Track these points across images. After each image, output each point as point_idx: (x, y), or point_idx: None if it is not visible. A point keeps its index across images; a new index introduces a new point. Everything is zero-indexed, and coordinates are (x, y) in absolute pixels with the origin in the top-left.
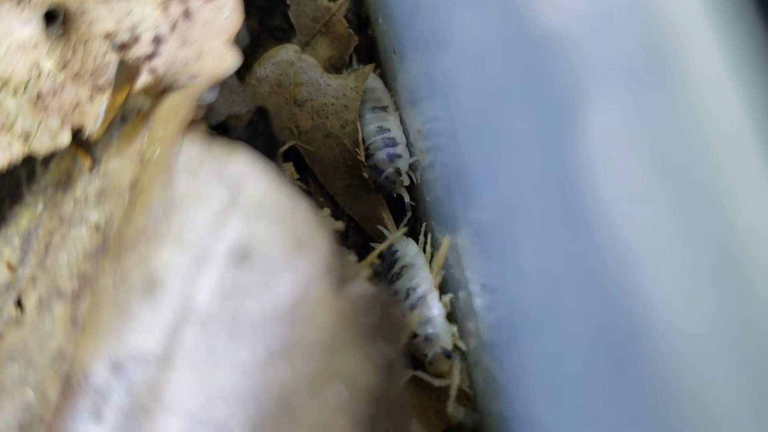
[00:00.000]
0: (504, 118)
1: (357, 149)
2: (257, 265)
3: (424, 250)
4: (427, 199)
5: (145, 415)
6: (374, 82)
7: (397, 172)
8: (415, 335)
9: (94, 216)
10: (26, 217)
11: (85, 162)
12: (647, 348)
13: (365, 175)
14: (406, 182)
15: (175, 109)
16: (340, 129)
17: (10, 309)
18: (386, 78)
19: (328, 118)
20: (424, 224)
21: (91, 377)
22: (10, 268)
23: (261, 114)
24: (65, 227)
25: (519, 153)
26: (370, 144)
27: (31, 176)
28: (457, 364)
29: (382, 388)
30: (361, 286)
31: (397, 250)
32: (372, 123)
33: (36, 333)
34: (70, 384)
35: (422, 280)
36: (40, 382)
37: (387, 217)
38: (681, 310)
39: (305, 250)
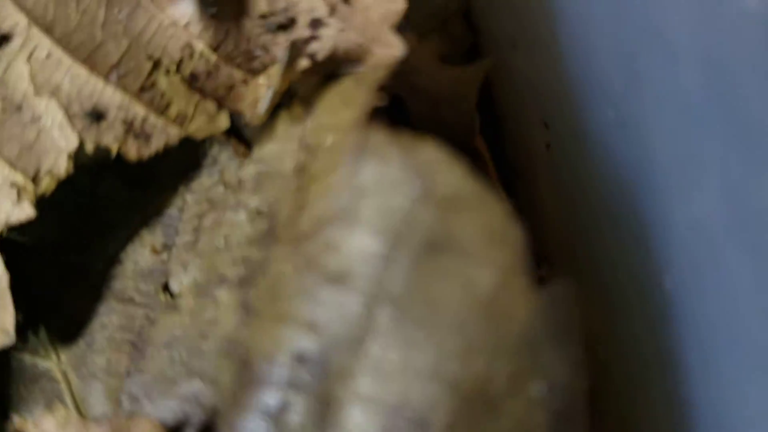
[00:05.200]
0: None
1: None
2: (453, 256)
3: None
4: None
5: (337, 404)
6: None
7: None
8: None
9: (254, 202)
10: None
11: (238, 148)
12: None
13: None
14: None
15: (345, 96)
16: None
17: (159, 294)
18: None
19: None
20: None
21: (275, 366)
22: (155, 251)
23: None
24: (218, 212)
25: None
26: None
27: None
28: None
29: (575, 387)
30: (553, 283)
31: None
32: None
33: (196, 319)
34: (249, 374)
35: None
36: (209, 370)
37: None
38: None
39: (500, 242)
